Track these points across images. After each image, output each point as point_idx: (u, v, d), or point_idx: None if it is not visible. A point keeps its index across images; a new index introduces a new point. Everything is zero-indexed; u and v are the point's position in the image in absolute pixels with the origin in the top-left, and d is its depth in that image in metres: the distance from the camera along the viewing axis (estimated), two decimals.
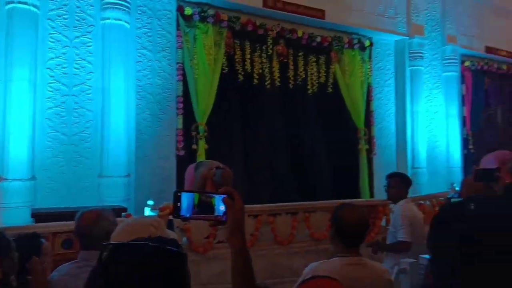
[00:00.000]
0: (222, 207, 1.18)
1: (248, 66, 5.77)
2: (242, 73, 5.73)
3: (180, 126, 5.28)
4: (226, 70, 5.60)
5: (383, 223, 5.07)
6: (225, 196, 1.18)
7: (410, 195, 4.06)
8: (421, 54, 7.07)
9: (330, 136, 6.49)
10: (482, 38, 8.13)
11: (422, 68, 7.13)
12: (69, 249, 3.11)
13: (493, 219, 0.59)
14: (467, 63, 8.02)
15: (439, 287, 0.60)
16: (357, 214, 2.10)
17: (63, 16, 4.59)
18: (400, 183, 3.88)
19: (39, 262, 1.93)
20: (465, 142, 7.83)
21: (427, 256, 3.01)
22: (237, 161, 5.75)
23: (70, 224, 3.07)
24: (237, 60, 5.71)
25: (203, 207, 1.18)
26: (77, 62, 4.62)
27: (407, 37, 7.02)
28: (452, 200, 2.24)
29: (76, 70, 4.61)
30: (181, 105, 5.30)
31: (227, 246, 1.21)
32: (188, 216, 1.19)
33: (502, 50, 8.37)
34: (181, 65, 5.33)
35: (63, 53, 4.57)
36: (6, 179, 4.03)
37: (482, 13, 8.19)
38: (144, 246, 0.87)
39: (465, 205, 0.60)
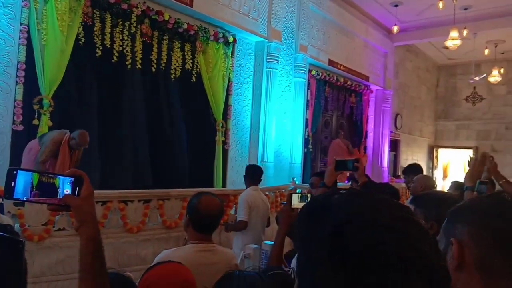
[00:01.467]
0: (67, 190, 1.06)
1: (107, 41, 5.36)
2: (101, 48, 5.30)
3: (20, 97, 4.58)
4: (82, 41, 5.09)
5: (232, 211, 5.39)
6: (72, 178, 1.07)
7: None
8: (277, 58, 7.67)
9: (190, 125, 6.55)
10: (327, 52, 9.29)
11: (277, 71, 7.74)
12: None
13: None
14: (313, 72, 9.06)
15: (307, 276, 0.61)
16: (213, 202, 2.19)
17: None
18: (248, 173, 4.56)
19: None
20: (306, 142, 8.85)
21: (269, 242, 3.38)
22: (90, 143, 5.30)
23: None
24: (95, 32, 5.24)
25: (44, 189, 1.04)
26: None
27: (267, 40, 7.52)
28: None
29: None
30: (22, 73, 4.59)
31: (68, 233, 1.13)
32: (24, 199, 1.05)
33: (341, 64, 9.73)
34: (26, 27, 4.62)
35: None
36: None
37: (329, 30, 9.35)
38: None
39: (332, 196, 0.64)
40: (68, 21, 4.86)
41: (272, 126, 7.64)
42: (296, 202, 2.19)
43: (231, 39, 7.01)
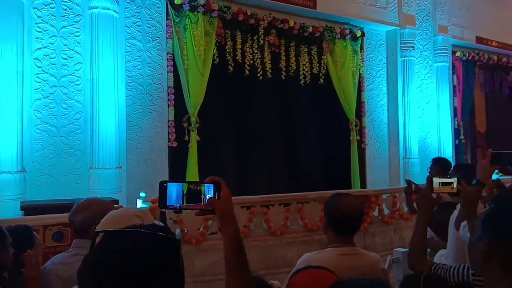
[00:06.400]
0: (209, 196, 1.16)
1: (239, 57, 5.71)
2: (233, 64, 5.68)
3: (172, 117, 5.22)
4: (217, 60, 5.54)
5: (375, 213, 5.10)
6: (213, 184, 1.17)
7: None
8: (412, 45, 7.06)
9: (322, 127, 6.49)
10: (473, 29, 8.15)
11: (414, 58, 7.13)
12: (59, 242, 3.07)
13: None
14: (458, 54, 8.05)
15: None
16: (352, 203, 2.08)
17: (50, 5, 4.49)
18: (437, 169, 3.71)
19: (33, 255, 1.90)
20: (456, 132, 7.89)
21: (400, 249, 3.07)
22: (230, 153, 5.73)
23: (60, 217, 3.04)
24: (228, 50, 5.65)
25: (193, 197, 1.17)
26: (65, 52, 4.53)
27: (399, 28, 7.00)
28: None
29: (64, 61, 4.53)
30: (172, 97, 5.24)
31: (220, 236, 1.20)
32: (177, 206, 1.18)
33: (492, 40, 8.41)
34: (171, 55, 5.26)
35: (51, 43, 4.48)
36: None
37: (473, 3, 8.20)
38: (137, 232, 0.84)
39: None
40: (204, 45, 5.36)
41: (413, 119, 7.03)
42: (437, 186, 1.97)
43: (358, 34, 6.74)
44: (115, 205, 3.88)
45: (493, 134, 8.79)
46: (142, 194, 4.52)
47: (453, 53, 7.96)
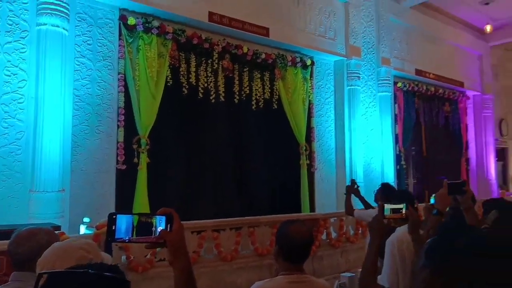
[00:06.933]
0: (160, 228, 1.14)
1: (193, 79, 5.73)
2: (187, 87, 5.68)
3: (121, 139, 5.08)
4: (171, 82, 5.52)
5: (323, 236, 5.24)
6: (164, 216, 1.15)
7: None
8: (358, 75, 7.47)
9: (273, 151, 6.61)
10: (413, 62, 8.80)
11: (359, 87, 7.53)
12: None
13: None
14: (399, 84, 8.62)
15: None
16: (302, 230, 2.12)
17: None
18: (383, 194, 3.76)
19: None
20: (397, 158, 8.35)
21: (347, 274, 3.22)
22: (180, 176, 5.65)
23: None
24: (182, 73, 5.66)
25: (144, 229, 1.14)
26: (8, 68, 4.29)
27: (346, 58, 7.39)
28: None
29: (7, 77, 4.28)
30: (122, 117, 5.11)
31: (168, 264, 1.18)
32: (126, 239, 1.14)
33: (430, 73, 9.12)
34: (123, 75, 5.16)
35: None
36: None
37: (412, 39, 8.88)
38: (84, 274, 0.81)
39: None
40: (157, 67, 5.32)
41: (359, 145, 7.37)
42: (388, 212, 2.10)
43: (309, 62, 7.03)
44: (56, 232, 3.69)
45: (431, 161, 9.42)
46: (86, 220, 4.32)
47: (395, 83, 8.51)
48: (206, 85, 5.87)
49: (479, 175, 10.33)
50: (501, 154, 11.07)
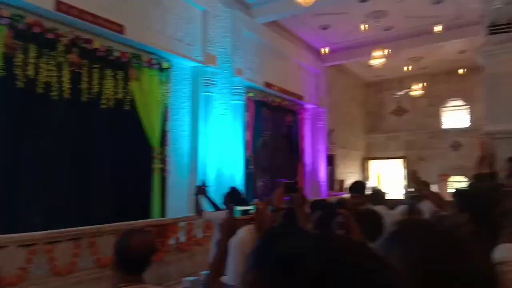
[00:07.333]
0: None
1: (31, 72, 5.12)
2: (24, 80, 5.04)
3: None
4: (4, 73, 4.82)
5: (172, 241, 5.29)
6: None
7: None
8: (213, 82, 7.76)
9: (123, 155, 6.32)
10: (262, 74, 9.57)
11: (214, 94, 7.83)
12: None
13: None
14: (250, 94, 9.26)
15: None
16: (143, 242, 2.15)
17: None
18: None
19: None
20: (247, 163, 8.96)
21: (190, 278, 3.40)
22: (10, 178, 4.95)
23: None
24: (18, 64, 4.99)
25: None
26: None
27: (202, 65, 7.60)
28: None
29: None
30: None
31: None
32: None
33: (276, 86, 10.06)
34: None
35: None
36: None
37: (263, 53, 9.67)
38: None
39: None
40: None
41: (212, 150, 7.66)
42: (238, 214, 2.40)
43: (165, 65, 6.99)
44: None
45: (275, 167, 10.39)
46: None
47: (247, 93, 9.12)
48: (48, 79, 5.29)
49: (313, 178, 11.84)
50: (330, 160, 12.90)
